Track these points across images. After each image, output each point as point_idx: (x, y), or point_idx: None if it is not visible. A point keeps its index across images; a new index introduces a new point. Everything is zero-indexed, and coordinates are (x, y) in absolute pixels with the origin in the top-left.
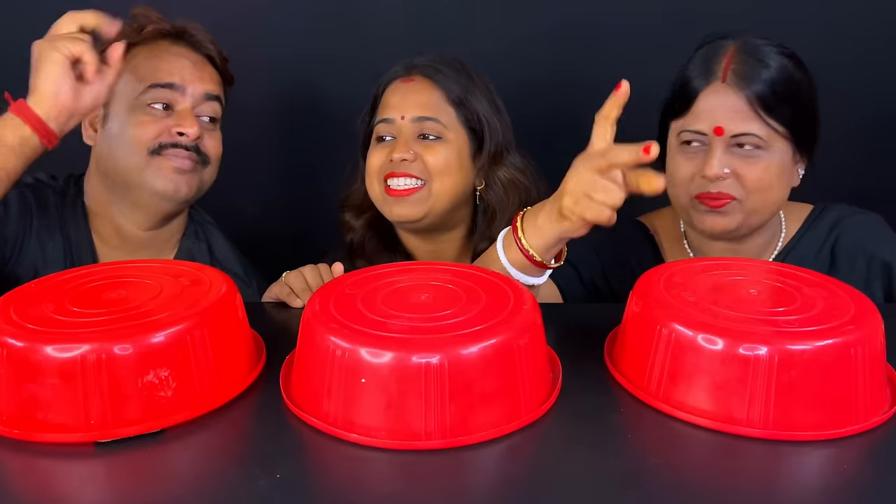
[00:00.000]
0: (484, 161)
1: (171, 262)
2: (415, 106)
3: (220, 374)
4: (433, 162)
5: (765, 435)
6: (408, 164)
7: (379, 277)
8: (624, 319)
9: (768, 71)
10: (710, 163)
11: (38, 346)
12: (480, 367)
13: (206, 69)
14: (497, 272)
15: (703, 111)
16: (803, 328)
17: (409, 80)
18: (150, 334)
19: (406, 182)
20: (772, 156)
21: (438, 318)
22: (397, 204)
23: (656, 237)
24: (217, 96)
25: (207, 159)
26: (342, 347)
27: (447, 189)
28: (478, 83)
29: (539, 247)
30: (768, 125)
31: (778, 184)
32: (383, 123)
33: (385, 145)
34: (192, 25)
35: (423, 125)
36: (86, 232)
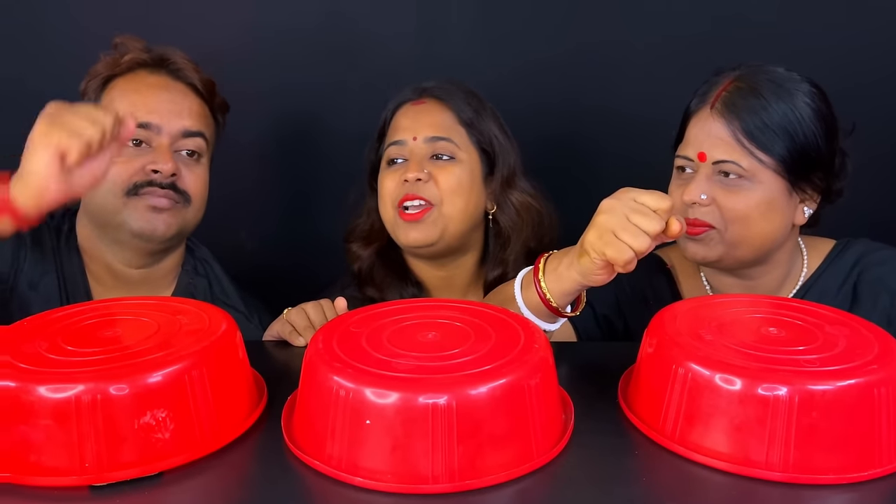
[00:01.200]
0: (496, 183)
1: (168, 298)
2: (427, 126)
3: (219, 416)
4: (446, 182)
5: (784, 478)
6: (421, 184)
7: (385, 315)
8: (638, 359)
9: (761, 103)
10: (689, 188)
11: (30, 385)
12: (490, 407)
13: (185, 102)
14: (506, 309)
15: (692, 136)
16: (825, 367)
17: (419, 103)
18: (147, 374)
19: (417, 203)
20: (756, 187)
21: (446, 357)
22: (411, 228)
23: (673, 271)
24: (198, 132)
25: (188, 197)
26: (346, 387)
27: (459, 210)
28: (486, 107)
29: (557, 292)
30: (753, 156)
31: (761, 218)
32: (395, 146)
33: (397, 168)
34: (173, 52)
35: (435, 145)
36: (79, 270)
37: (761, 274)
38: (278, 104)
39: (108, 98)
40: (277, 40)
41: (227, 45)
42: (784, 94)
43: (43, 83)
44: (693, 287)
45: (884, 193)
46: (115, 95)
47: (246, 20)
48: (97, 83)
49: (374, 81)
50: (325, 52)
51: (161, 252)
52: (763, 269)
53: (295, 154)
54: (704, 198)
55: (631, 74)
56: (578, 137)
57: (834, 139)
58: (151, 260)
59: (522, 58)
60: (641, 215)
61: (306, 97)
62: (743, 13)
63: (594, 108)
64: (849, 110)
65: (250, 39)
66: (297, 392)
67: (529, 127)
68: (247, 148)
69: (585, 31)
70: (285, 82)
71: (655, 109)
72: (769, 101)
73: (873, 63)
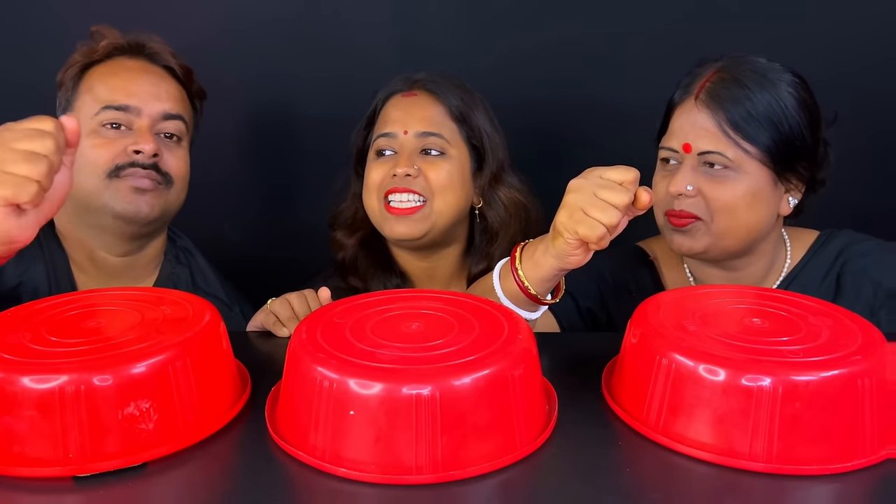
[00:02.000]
0: (485, 179)
1: (151, 289)
2: (418, 121)
3: (203, 406)
4: (436, 178)
5: (768, 469)
6: (411, 179)
7: (368, 306)
8: (622, 349)
9: (745, 93)
10: (675, 179)
11: (14, 376)
12: (473, 398)
13: (164, 85)
14: (490, 300)
15: (676, 128)
16: (808, 358)
17: (410, 95)
18: (131, 365)
19: (408, 198)
20: (741, 178)
21: (430, 348)
22: (398, 222)
23: (656, 262)
24: (177, 115)
25: (170, 178)
26: (330, 378)
27: (449, 206)
28: (477, 100)
29: (535, 279)
30: (738, 146)
31: (747, 208)
32: (384, 138)
33: (386, 160)
34: (150, 38)
35: (426, 140)
36: (62, 258)
37: (745, 265)
38: (257, 94)
39: (86, 85)
40: (255, 30)
41: (204, 36)
42: (767, 85)
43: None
44: (676, 278)
45: (866, 184)
46: (94, 82)
47: (223, 10)
48: (74, 71)
49: (354, 71)
50: (303, 41)
51: (143, 237)
52: (747, 259)
53: (275, 144)
54: (690, 189)
55: (615, 64)
56: (561, 127)
57: (817, 129)
58: (133, 246)
59: (504, 47)
60: (609, 190)
61: (285, 87)
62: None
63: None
64: (831, 100)
65: (228, 29)
66: (280, 383)
67: (511, 117)
68: (227, 138)
69: (567, 20)
70: (264, 72)
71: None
72: (753, 91)
73: (856, 52)
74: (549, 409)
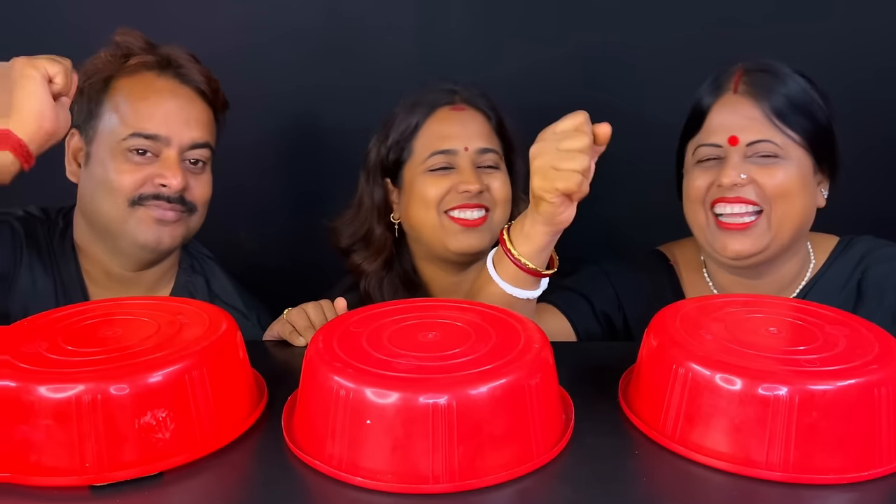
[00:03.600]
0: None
1: (168, 298)
2: (476, 136)
3: (219, 416)
4: (499, 190)
5: (785, 478)
6: (479, 195)
7: (385, 315)
8: (639, 358)
9: (781, 84)
10: (726, 170)
11: (30, 385)
12: (490, 407)
13: (193, 111)
14: (507, 309)
15: (716, 124)
16: (825, 367)
17: (459, 109)
18: (148, 374)
19: (476, 213)
20: (790, 164)
21: (446, 357)
22: (465, 234)
23: (676, 268)
24: (205, 143)
25: (194, 207)
26: (346, 387)
27: (504, 219)
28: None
29: (529, 253)
30: (784, 133)
31: (801, 194)
32: (443, 155)
33: (443, 175)
34: (179, 52)
35: (486, 156)
36: (75, 269)
37: (771, 271)
38: (279, 104)
39: (111, 101)
40: (276, 40)
41: (226, 45)
42: (795, 77)
43: None
44: (695, 283)
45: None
46: (120, 100)
47: (245, 19)
48: (98, 83)
49: (375, 81)
50: (325, 52)
51: (158, 260)
52: (772, 265)
53: (295, 154)
54: (744, 177)
55: (634, 73)
56: None
57: (834, 121)
58: (147, 266)
59: (523, 58)
60: (568, 139)
61: (307, 97)
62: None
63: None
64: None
65: (249, 39)
66: (297, 392)
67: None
68: (247, 148)
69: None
70: (285, 82)
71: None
72: (786, 82)
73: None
74: (565, 419)
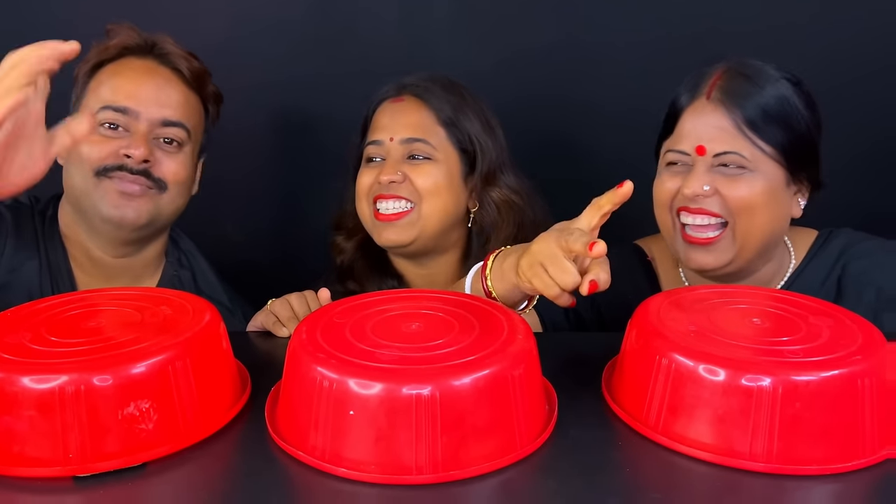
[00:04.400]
0: (476, 182)
1: (152, 289)
2: (404, 127)
3: (203, 406)
4: (422, 183)
5: (768, 469)
6: (396, 185)
7: (368, 306)
8: (622, 349)
9: (758, 90)
10: (690, 180)
11: (13, 376)
12: (473, 398)
13: (168, 89)
14: (490, 300)
15: (686, 130)
16: (808, 358)
17: (398, 101)
18: (131, 365)
19: (395, 205)
20: (757, 177)
21: (430, 348)
22: (386, 228)
23: (654, 263)
24: (177, 122)
25: (163, 184)
26: (329, 378)
27: (437, 210)
28: (469, 103)
29: (500, 290)
30: (755, 145)
31: (765, 207)
32: (372, 145)
33: (374, 166)
34: (164, 39)
35: (412, 146)
36: (63, 256)
37: (743, 275)
38: (264, 96)
39: (94, 83)
40: (262, 32)
41: (213, 37)
42: (776, 82)
43: None
44: (673, 280)
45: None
46: (102, 80)
47: (232, 12)
48: (87, 69)
49: (360, 73)
50: (310, 44)
51: (139, 241)
52: (745, 271)
53: (281, 147)
54: (707, 189)
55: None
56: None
57: (820, 128)
58: (130, 249)
59: (508, 49)
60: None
61: (293, 89)
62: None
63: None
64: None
65: (235, 31)
66: (280, 383)
67: (514, 120)
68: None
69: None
70: (271, 74)
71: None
72: (765, 88)
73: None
74: (549, 410)
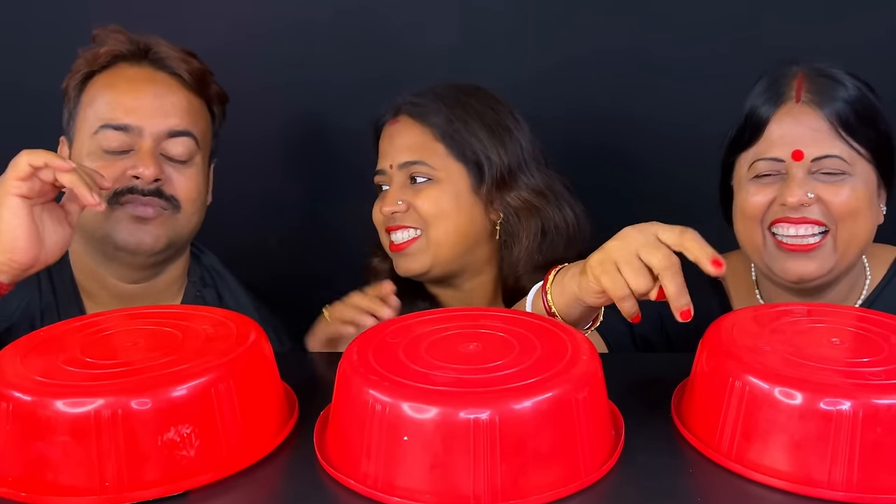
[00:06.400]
0: (489, 191)
1: (192, 307)
2: (400, 150)
3: (248, 431)
4: (425, 208)
5: (848, 498)
6: (401, 215)
7: (422, 325)
8: (693, 371)
9: (846, 90)
10: (791, 188)
11: (47, 400)
12: (535, 423)
13: (170, 97)
14: (552, 319)
15: (777, 136)
16: (891, 380)
17: (395, 122)
18: (171, 387)
19: (403, 234)
20: (857, 180)
21: (488, 370)
22: (399, 258)
23: (724, 283)
24: (185, 131)
25: (177, 203)
26: (382, 402)
27: (447, 233)
28: (471, 109)
29: (561, 305)
30: (851, 147)
31: (867, 212)
32: (378, 175)
33: (381, 197)
34: (157, 41)
35: (411, 169)
36: (72, 288)
37: (827, 289)
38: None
39: (87, 97)
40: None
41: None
42: (854, 82)
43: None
44: (746, 299)
45: None
46: (95, 94)
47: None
48: (76, 81)
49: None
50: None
51: (157, 265)
52: (830, 283)
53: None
54: (812, 196)
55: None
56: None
57: (891, 128)
58: (148, 273)
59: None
60: (651, 251)
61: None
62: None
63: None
64: None
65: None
66: (330, 406)
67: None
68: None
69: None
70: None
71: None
72: (849, 88)
73: None
74: (615, 435)
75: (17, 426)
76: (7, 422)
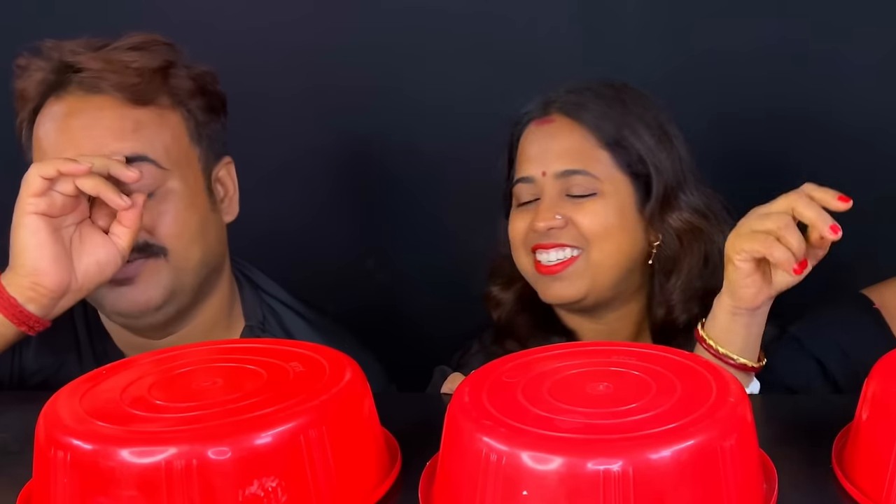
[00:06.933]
0: (653, 210)
1: (278, 340)
2: (557, 157)
3: (342, 485)
4: (588, 225)
5: None
6: (557, 232)
7: (544, 361)
8: (857, 415)
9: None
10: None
11: (110, 449)
12: (675, 475)
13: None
14: (694, 354)
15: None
16: None
17: (546, 122)
18: (254, 434)
19: (558, 255)
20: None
21: (620, 414)
22: (551, 283)
23: (883, 312)
24: (140, 156)
25: (158, 248)
26: (498, 451)
27: (610, 255)
28: (635, 111)
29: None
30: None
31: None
32: (522, 184)
33: (527, 209)
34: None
35: (570, 180)
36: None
37: None
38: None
39: (35, 142)
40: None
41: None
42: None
43: None
44: None
45: None
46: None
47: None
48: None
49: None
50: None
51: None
52: None
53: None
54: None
55: (844, 78)
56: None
57: None
58: (172, 326)
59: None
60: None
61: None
62: None
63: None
64: None
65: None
66: (437, 456)
67: (706, 137)
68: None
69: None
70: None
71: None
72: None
73: None
74: (767, 489)
75: (77, 479)
76: (65, 474)
